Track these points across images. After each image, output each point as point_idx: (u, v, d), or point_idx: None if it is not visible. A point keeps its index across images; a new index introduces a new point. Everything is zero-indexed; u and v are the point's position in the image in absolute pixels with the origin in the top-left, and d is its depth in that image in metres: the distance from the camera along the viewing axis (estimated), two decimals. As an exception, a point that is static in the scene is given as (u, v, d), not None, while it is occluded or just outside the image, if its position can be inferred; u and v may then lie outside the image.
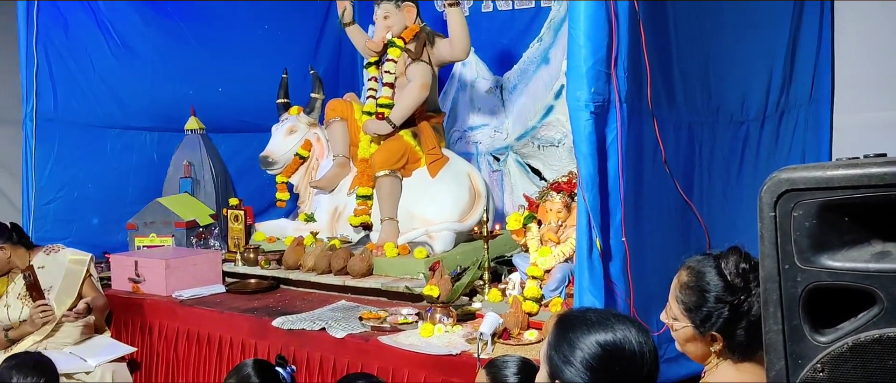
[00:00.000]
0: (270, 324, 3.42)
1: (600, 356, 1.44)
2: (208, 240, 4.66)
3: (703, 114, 3.08)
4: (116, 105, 4.88)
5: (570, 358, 1.46)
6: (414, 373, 2.92)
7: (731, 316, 1.66)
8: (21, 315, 3.75)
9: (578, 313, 1.55)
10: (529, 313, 3.07)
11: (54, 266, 3.86)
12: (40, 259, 3.87)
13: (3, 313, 3.76)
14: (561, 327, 1.52)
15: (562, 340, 1.50)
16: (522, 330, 2.98)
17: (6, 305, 3.78)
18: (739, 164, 3.29)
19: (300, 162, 4.62)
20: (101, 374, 3.65)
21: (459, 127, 5.13)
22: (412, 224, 4.12)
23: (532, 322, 3.05)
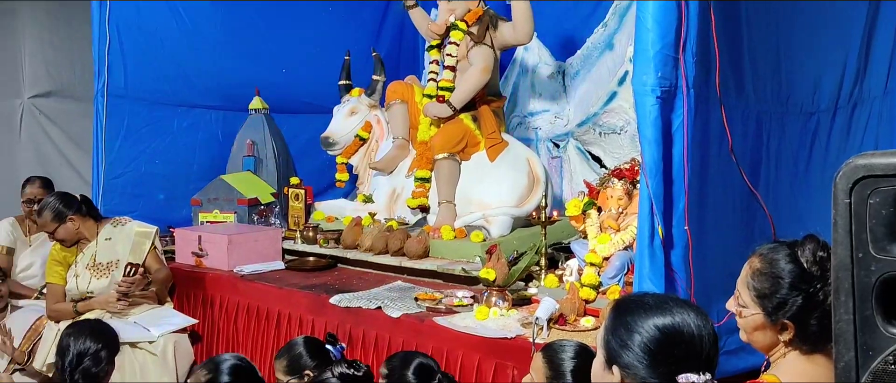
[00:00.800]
0: (328, 301, 3.46)
1: (659, 339, 1.41)
2: (269, 218, 4.74)
3: (773, 103, 2.99)
4: (184, 83, 5.01)
5: (628, 342, 1.44)
6: (468, 355, 2.93)
7: (805, 304, 1.62)
8: (89, 286, 3.88)
9: (636, 297, 1.52)
10: (586, 300, 3.04)
11: (121, 237, 3.97)
12: (108, 230, 3.99)
13: (73, 283, 3.89)
14: (618, 311, 1.50)
15: (619, 324, 1.47)
16: (579, 317, 2.95)
17: (75, 275, 3.91)
18: (808, 156, 3.20)
19: (360, 143, 4.67)
20: (164, 344, 3.74)
21: (519, 112, 5.10)
22: (469, 207, 4.12)
23: (589, 309, 3.03)
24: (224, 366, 2.33)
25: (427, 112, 4.31)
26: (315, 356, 2.78)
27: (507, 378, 2.80)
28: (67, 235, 3.87)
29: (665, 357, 1.41)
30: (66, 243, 3.89)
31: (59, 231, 3.84)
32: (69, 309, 3.84)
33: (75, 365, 2.58)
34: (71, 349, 2.60)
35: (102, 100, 4.63)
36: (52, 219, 3.81)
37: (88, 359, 2.60)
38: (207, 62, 5.03)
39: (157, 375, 3.68)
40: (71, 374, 2.56)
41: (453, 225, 4.04)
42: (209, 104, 5.13)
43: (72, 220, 3.85)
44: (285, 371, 2.77)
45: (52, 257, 3.93)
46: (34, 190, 4.36)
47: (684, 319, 1.46)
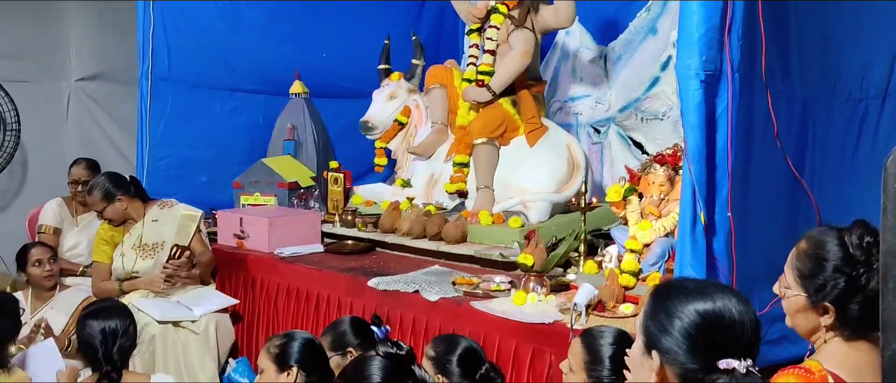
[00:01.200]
0: (366, 284, 3.49)
1: (699, 325, 1.39)
2: (309, 201, 4.78)
3: (819, 89, 2.93)
4: (226, 67, 5.06)
5: (668, 328, 1.42)
6: (505, 340, 2.92)
7: (848, 288, 1.60)
8: (135, 265, 3.96)
9: (677, 282, 1.51)
10: (626, 287, 3.02)
11: (167, 219, 4.05)
12: (155, 212, 4.07)
13: (119, 262, 3.98)
14: (658, 296, 1.48)
15: (659, 309, 1.46)
16: (618, 304, 2.93)
17: (122, 254, 4.00)
18: (856, 143, 3.12)
19: (399, 128, 4.67)
20: (206, 324, 3.82)
21: (560, 97, 5.06)
22: (508, 193, 4.10)
23: (628, 295, 3.00)
24: (297, 336, 2.55)
25: (466, 96, 4.29)
26: (359, 335, 2.83)
27: (545, 363, 2.79)
28: (115, 215, 3.95)
29: (706, 342, 1.40)
30: (114, 223, 3.98)
31: (107, 210, 3.92)
32: (115, 288, 3.93)
33: (111, 345, 2.64)
34: (103, 332, 2.66)
35: (147, 84, 4.70)
36: (102, 198, 3.90)
37: (122, 339, 2.67)
38: (249, 46, 5.07)
39: (199, 354, 3.76)
40: (106, 355, 2.61)
41: (491, 210, 4.03)
42: (250, 88, 5.17)
43: (120, 201, 3.93)
44: (329, 347, 2.83)
45: (100, 236, 4.02)
46: (80, 171, 4.45)
47: (726, 305, 1.44)
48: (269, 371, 2.49)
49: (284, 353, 2.48)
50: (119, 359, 2.64)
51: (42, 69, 5.57)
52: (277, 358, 2.48)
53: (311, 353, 2.52)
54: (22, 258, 3.94)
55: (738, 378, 1.31)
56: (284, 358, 2.47)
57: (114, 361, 2.62)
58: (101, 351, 2.64)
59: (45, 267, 3.87)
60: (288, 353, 2.47)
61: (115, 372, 2.61)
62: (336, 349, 2.82)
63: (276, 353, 2.49)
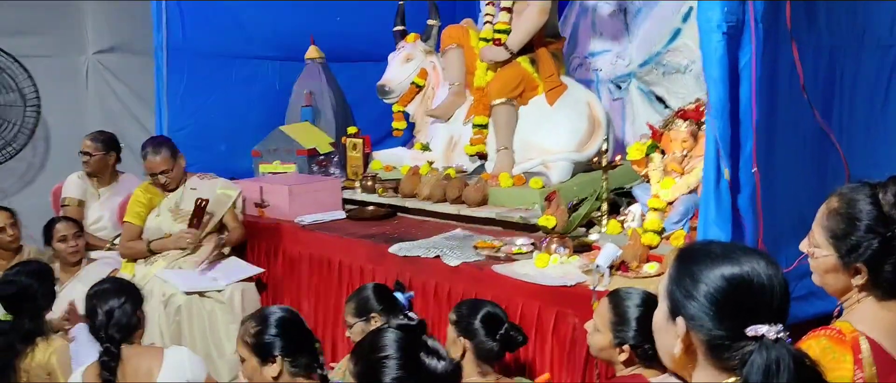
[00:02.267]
0: (387, 251, 3.47)
1: (726, 290, 1.34)
2: (328, 168, 4.76)
3: (847, 37, 2.83)
4: (241, 35, 5.01)
5: (694, 293, 1.37)
6: (528, 303, 2.90)
7: (881, 248, 1.55)
8: (168, 228, 4.00)
9: (701, 246, 1.45)
10: (649, 246, 2.97)
11: (205, 190, 4.08)
12: (194, 181, 4.12)
13: (154, 222, 4.01)
14: (683, 260, 1.43)
15: (684, 274, 1.40)
16: (641, 263, 2.89)
17: (157, 215, 4.02)
18: (885, 93, 3.02)
19: (416, 90, 4.61)
20: (231, 293, 3.85)
21: (579, 53, 4.96)
22: (528, 154, 4.05)
23: (652, 255, 2.96)
24: (272, 319, 2.33)
25: (483, 56, 4.22)
26: (382, 301, 2.84)
27: (568, 326, 2.78)
28: (177, 174, 4.03)
29: (733, 308, 1.35)
30: (171, 184, 4.03)
31: (172, 171, 4.00)
32: (143, 248, 3.98)
33: (106, 322, 2.60)
34: (98, 311, 2.62)
35: (162, 55, 4.69)
36: (169, 156, 3.99)
37: (118, 313, 2.61)
38: (262, 12, 5.00)
39: (224, 323, 3.80)
40: (106, 332, 2.58)
41: (512, 171, 3.98)
42: (266, 55, 5.13)
43: (181, 158, 4.05)
44: (353, 313, 2.84)
45: (136, 198, 4.07)
46: (84, 143, 4.45)
47: (754, 268, 1.38)
48: (251, 361, 2.32)
49: (263, 343, 2.29)
50: (119, 336, 2.59)
51: (60, 43, 5.55)
52: (256, 348, 2.30)
53: (292, 333, 2.34)
54: (48, 233, 3.98)
55: (767, 343, 1.26)
56: (266, 349, 2.29)
57: (112, 338, 2.57)
58: (99, 328, 2.60)
59: (70, 242, 3.90)
60: (267, 343, 2.29)
61: (113, 347, 2.55)
62: (360, 315, 2.84)
63: (253, 343, 2.31)
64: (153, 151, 4.01)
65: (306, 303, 3.94)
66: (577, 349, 2.74)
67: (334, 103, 5.02)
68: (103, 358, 2.54)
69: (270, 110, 5.11)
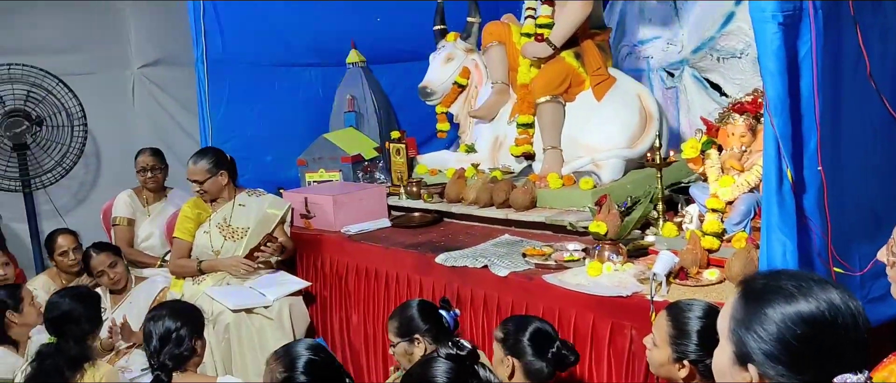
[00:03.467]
0: (434, 261, 3.36)
1: (807, 335, 1.18)
2: (374, 174, 4.68)
3: (918, 15, 2.60)
4: (281, 43, 4.97)
5: (767, 339, 1.21)
6: (581, 315, 2.76)
7: None
8: (217, 245, 3.97)
9: (769, 280, 1.28)
10: (709, 250, 2.79)
11: (253, 207, 4.05)
12: (243, 197, 4.08)
13: (203, 239, 3.98)
14: (751, 299, 1.26)
15: (753, 317, 1.23)
16: (701, 269, 2.72)
17: (206, 232, 4.00)
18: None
19: (459, 90, 4.48)
20: (279, 308, 3.79)
21: (628, 41, 4.75)
22: (577, 152, 3.88)
23: (712, 259, 2.78)
24: (299, 364, 2.23)
25: (526, 52, 4.06)
26: (427, 319, 2.71)
27: (625, 339, 2.62)
28: (213, 188, 3.97)
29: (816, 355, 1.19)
30: (207, 197, 3.99)
31: (209, 182, 3.94)
32: (193, 267, 3.95)
33: (160, 348, 2.59)
34: (153, 334, 2.62)
35: (203, 67, 4.67)
36: (208, 169, 3.94)
37: (172, 340, 2.60)
38: (302, 18, 4.94)
39: (274, 339, 3.73)
40: (158, 358, 2.57)
41: (560, 172, 3.82)
42: (307, 62, 5.08)
43: (222, 175, 3.97)
44: (396, 332, 2.72)
45: (184, 214, 4.04)
46: (146, 158, 4.49)
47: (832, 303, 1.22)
48: None
49: None
50: (171, 364, 2.58)
51: (104, 59, 5.61)
52: None
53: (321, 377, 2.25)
54: (49, 246, 3.98)
55: None
56: None
57: (164, 365, 2.57)
58: (154, 355, 2.60)
59: (70, 256, 3.89)
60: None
61: (164, 374, 2.55)
62: (403, 335, 2.72)
63: None
64: (194, 160, 3.99)
65: (355, 316, 3.87)
66: (635, 364, 2.59)
67: (377, 107, 4.94)
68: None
69: (314, 117, 5.06)
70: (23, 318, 3.33)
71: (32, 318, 3.34)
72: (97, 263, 3.90)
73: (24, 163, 5.07)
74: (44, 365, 2.86)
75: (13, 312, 3.31)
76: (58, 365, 2.87)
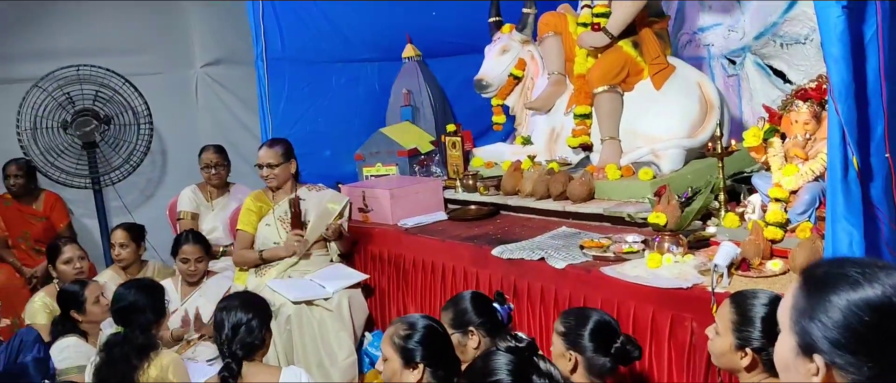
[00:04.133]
0: (490, 253, 3.36)
1: (876, 323, 1.14)
2: (430, 167, 4.70)
3: None
4: (339, 39, 5.03)
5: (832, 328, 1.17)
6: (640, 307, 2.72)
7: None
8: (277, 237, 4.04)
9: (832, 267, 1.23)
10: (772, 240, 2.72)
11: (313, 202, 4.11)
12: (303, 192, 4.15)
13: (264, 231, 4.07)
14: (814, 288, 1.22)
15: (817, 306, 1.19)
16: (764, 260, 2.65)
17: (269, 224, 4.08)
18: None
19: (515, 82, 4.46)
20: (339, 300, 3.84)
21: (688, 29, 4.67)
22: (636, 142, 3.83)
23: (776, 250, 2.71)
24: (420, 326, 2.41)
25: (582, 42, 4.02)
26: (481, 312, 2.71)
27: (686, 331, 2.58)
28: (282, 174, 4.07)
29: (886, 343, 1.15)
30: (274, 182, 4.08)
31: (280, 167, 4.04)
32: (255, 257, 4.04)
33: (232, 337, 2.67)
34: (225, 324, 2.70)
35: (262, 65, 4.76)
36: (281, 154, 4.05)
37: (243, 330, 2.68)
38: (358, 14, 5.00)
39: (334, 330, 3.79)
40: (230, 346, 2.66)
41: (619, 162, 3.78)
42: (364, 57, 5.13)
43: (292, 164, 4.09)
44: (450, 324, 2.73)
45: (246, 207, 4.15)
46: (210, 155, 4.60)
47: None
48: (394, 361, 2.40)
49: (409, 348, 2.37)
50: (242, 353, 2.66)
51: (169, 59, 5.76)
52: (403, 351, 2.38)
53: (437, 344, 2.41)
54: (53, 255, 4.03)
55: None
56: (410, 354, 2.36)
57: (235, 354, 2.65)
58: (224, 343, 2.68)
59: (75, 264, 3.93)
60: (413, 349, 2.36)
61: (235, 363, 2.64)
62: (457, 327, 2.72)
63: (400, 346, 2.38)
64: (268, 145, 4.10)
65: (413, 308, 3.89)
66: (696, 356, 2.55)
67: (433, 100, 4.96)
68: (223, 374, 2.61)
69: (371, 112, 5.13)
70: (87, 317, 3.44)
71: (97, 316, 3.45)
72: (188, 251, 3.98)
73: (93, 161, 5.24)
74: (112, 354, 2.96)
75: (78, 312, 3.42)
76: (125, 353, 2.97)
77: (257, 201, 4.13)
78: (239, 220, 4.17)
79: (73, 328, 3.42)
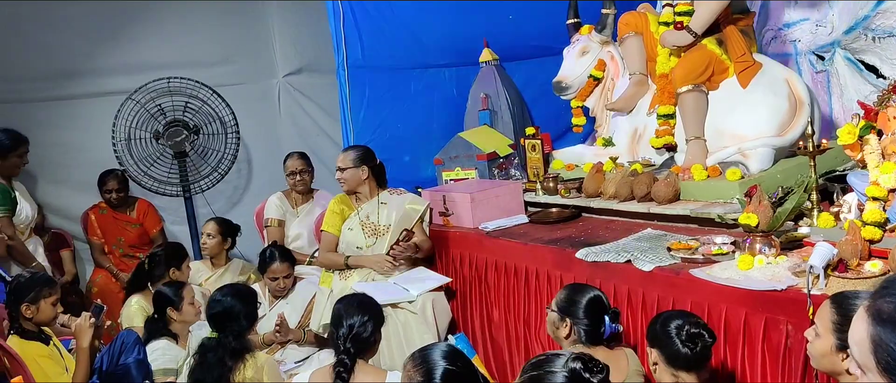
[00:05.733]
0: (574, 256, 3.34)
1: None
2: (509, 170, 4.70)
3: None
4: (416, 46, 5.10)
5: None
6: (732, 310, 2.67)
7: None
8: (359, 240, 4.14)
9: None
10: (871, 240, 2.63)
11: (394, 205, 4.19)
12: (385, 196, 4.24)
13: (349, 236, 4.16)
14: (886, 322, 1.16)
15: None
16: (862, 261, 2.56)
17: (351, 228, 4.17)
18: None
19: (595, 83, 4.43)
20: (423, 303, 3.89)
21: (773, 25, 4.55)
22: (722, 142, 3.75)
23: (874, 250, 2.61)
24: (437, 373, 2.19)
25: (664, 42, 3.96)
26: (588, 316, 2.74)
27: (781, 334, 2.51)
28: (351, 179, 4.16)
29: None
30: (345, 185, 4.19)
31: (347, 172, 4.14)
32: (340, 261, 4.14)
33: (347, 334, 2.79)
34: (343, 320, 2.82)
35: (343, 74, 4.87)
36: (353, 160, 4.16)
37: (358, 328, 2.80)
38: (436, 21, 5.06)
39: (419, 333, 3.84)
40: (345, 342, 2.77)
41: (705, 163, 3.71)
42: (442, 63, 5.19)
43: (363, 170, 4.16)
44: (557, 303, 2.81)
45: (331, 209, 4.26)
46: (295, 162, 4.75)
47: None
48: None
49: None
50: (354, 350, 2.76)
51: (253, 70, 5.91)
52: None
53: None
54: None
55: None
56: None
57: (349, 350, 2.75)
58: (341, 338, 2.79)
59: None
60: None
61: (348, 359, 2.73)
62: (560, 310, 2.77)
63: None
64: (345, 150, 4.29)
65: (496, 312, 3.91)
66: (792, 360, 2.48)
67: (511, 103, 4.97)
68: (338, 368, 2.70)
69: (450, 117, 5.17)
70: (181, 316, 3.58)
71: (191, 317, 3.59)
72: (278, 270, 4.12)
73: (183, 170, 5.44)
74: (206, 358, 3.08)
75: (173, 309, 3.57)
76: (220, 357, 3.08)
77: (340, 203, 4.23)
78: (324, 222, 4.28)
79: (164, 329, 3.57)
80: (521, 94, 5.12)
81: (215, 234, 4.59)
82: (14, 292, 3.28)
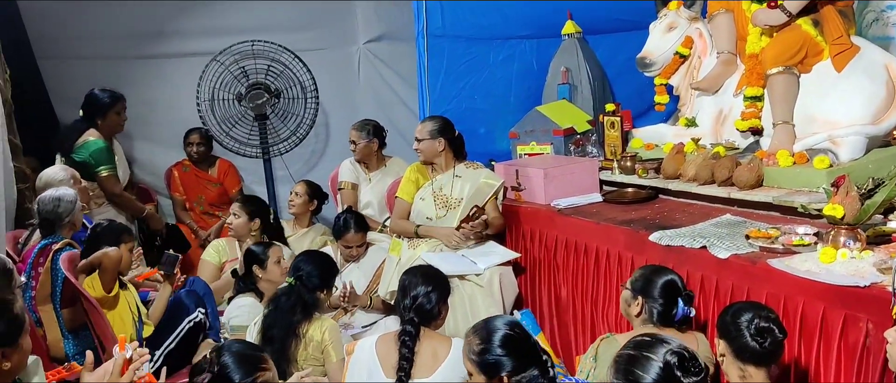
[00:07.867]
0: (647, 238, 3.26)
1: None
2: (586, 147, 4.61)
3: None
4: (497, 15, 5.03)
5: None
6: (810, 304, 2.55)
7: None
8: (430, 211, 4.14)
9: None
10: (967, 239, 2.47)
11: (469, 179, 4.17)
12: (461, 169, 4.23)
13: (420, 205, 4.18)
14: None
15: None
16: (957, 261, 2.41)
17: (423, 199, 4.19)
18: None
19: (680, 61, 4.27)
20: (490, 276, 3.88)
21: (874, 6, 4.28)
22: (812, 128, 3.57)
23: (971, 249, 2.46)
24: (496, 337, 2.34)
25: (757, 20, 3.78)
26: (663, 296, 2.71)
27: (860, 332, 2.40)
28: (426, 149, 4.17)
29: None
30: (421, 156, 4.21)
31: (424, 142, 4.15)
32: (411, 230, 4.17)
33: (411, 305, 2.83)
34: (408, 290, 2.87)
35: (423, 42, 4.85)
36: (429, 130, 4.16)
37: (422, 299, 2.83)
38: (520, -10, 4.98)
39: (485, 305, 3.84)
40: (408, 311, 2.82)
41: (792, 149, 3.54)
42: (523, 34, 5.10)
43: (439, 142, 4.14)
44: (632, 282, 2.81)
45: (407, 176, 4.29)
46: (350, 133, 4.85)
47: None
48: (477, 378, 2.37)
49: (488, 362, 2.33)
50: (415, 316, 2.80)
51: (334, 36, 5.96)
52: (482, 366, 2.34)
53: (517, 351, 2.34)
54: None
55: None
56: (492, 369, 2.32)
57: (411, 319, 2.80)
58: (405, 307, 2.84)
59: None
60: (493, 362, 2.33)
61: (412, 327, 2.77)
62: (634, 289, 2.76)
63: (479, 361, 2.35)
64: (423, 120, 4.29)
65: (564, 290, 3.86)
66: (870, 360, 2.37)
67: (591, 78, 4.87)
68: (404, 338, 2.76)
69: (528, 90, 5.11)
70: (267, 275, 3.69)
71: (276, 276, 3.68)
72: (351, 239, 4.21)
73: (263, 132, 5.55)
74: (280, 302, 3.20)
75: (259, 267, 3.67)
76: (292, 303, 3.18)
77: (416, 172, 4.25)
78: (399, 188, 4.30)
79: (252, 286, 3.68)
80: (604, 69, 5.01)
81: (303, 194, 4.76)
82: (94, 238, 3.44)
